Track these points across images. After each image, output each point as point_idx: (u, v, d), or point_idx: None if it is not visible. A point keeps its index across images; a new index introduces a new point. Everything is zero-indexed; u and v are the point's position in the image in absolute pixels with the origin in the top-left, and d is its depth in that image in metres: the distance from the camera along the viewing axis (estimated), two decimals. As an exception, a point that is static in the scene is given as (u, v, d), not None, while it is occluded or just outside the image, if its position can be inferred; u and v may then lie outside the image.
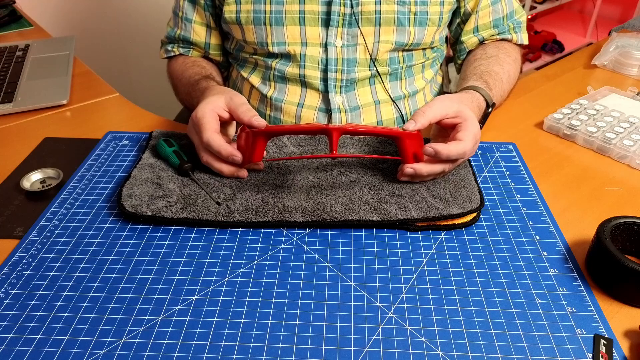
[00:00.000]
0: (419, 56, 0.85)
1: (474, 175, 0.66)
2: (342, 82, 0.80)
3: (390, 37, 0.79)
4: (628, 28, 1.07)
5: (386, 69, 0.82)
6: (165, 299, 0.51)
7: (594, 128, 0.75)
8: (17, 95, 0.90)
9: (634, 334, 0.48)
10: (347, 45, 0.79)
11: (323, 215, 0.59)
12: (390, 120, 0.85)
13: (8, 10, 1.31)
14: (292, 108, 0.82)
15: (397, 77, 0.84)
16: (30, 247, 0.58)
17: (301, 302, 0.51)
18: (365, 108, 0.83)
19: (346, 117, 0.82)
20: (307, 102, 0.82)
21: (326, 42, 0.79)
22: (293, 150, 0.71)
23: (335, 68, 0.79)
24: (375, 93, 0.83)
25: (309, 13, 0.77)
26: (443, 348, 0.46)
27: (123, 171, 0.70)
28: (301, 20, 0.78)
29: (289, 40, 0.79)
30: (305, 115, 0.82)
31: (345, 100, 0.81)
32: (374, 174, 0.66)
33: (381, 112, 0.84)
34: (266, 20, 0.78)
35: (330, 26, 0.78)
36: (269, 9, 0.77)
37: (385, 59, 0.81)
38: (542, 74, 0.97)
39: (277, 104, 0.83)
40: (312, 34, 0.79)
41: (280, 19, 0.77)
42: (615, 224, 0.54)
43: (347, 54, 0.79)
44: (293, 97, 0.82)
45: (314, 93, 0.82)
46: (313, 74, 0.80)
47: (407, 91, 0.85)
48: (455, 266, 0.55)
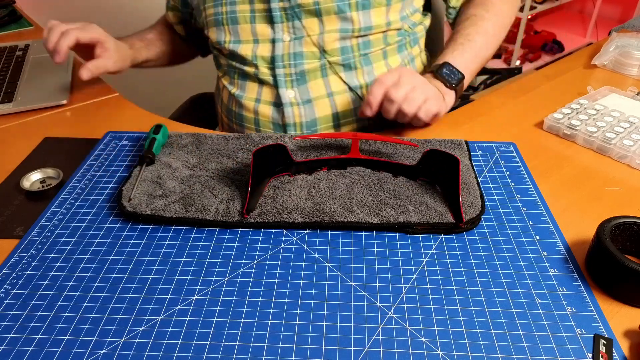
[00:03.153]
0: (378, 42, 0.84)
1: (476, 178, 0.65)
2: (292, 76, 0.82)
3: (334, 26, 0.80)
4: (628, 28, 1.07)
5: (338, 58, 0.82)
6: (165, 298, 0.51)
7: (594, 128, 0.75)
8: (17, 95, 0.90)
9: (633, 334, 0.48)
10: (294, 38, 0.81)
11: (322, 217, 0.59)
12: (347, 112, 0.85)
13: (8, 10, 1.31)
14: (251, 104, 0.86)
15: (352, 67, 0.84)
16: (30, 247, 0.58)
17: (301, 302, 0.51)
18: (318, 100, 0.84)
19: (298, 110, 0.83)
20: (263, 98, 0.86)
21: (274, 38, 0.81)
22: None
23: (282, 64, 0.82)
24: (328, 84, 0.84)
25: (258, 11, 0.81)
26: (443, 348, 0.46)
27: (123, 171, 0.70)
28: (252, 18, 0.82)
29: (243, 38, 0.83)
30: (262, 110, 0.86)
31: (297, 93, 0.83)
32: (374, 176, 0.66)
33: (336, 103, 0.84)
34: (223, 20, 0.83)
35: (275, 22, 0.81)
36: (225, 10, 0.83)
37: (335, 48, 0.81)
38: (542, 74, 0.97)
39: (239, 100, 0.87)
40: (262, 31, 0.82)
41: (235, 18, 0.82)
42: (615, 224, 0.54)
43: (294, 48, 0.81)
44: (251, 94, 0.86)
45: (269, 88, 0.85)
46: (264, 70, 0.84)
47: (365, 81, 0.85)
48: (455, 266, 0.55)
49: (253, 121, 0.88)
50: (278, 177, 0.66)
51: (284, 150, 0.63)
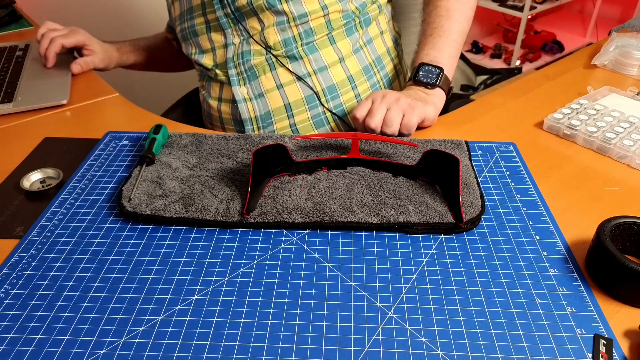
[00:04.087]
0: (321, 29, 0.85)
1: (476, 178, 0.65)
2: (243, 73, 0.87)
3: (270, 20, 0.83)
4: (628, 28, 1.07)
5: (281, 51, 0.85)
6: (165, 298, 0.51)
7: (594, 128, 0.75)
8: (17, 95, 0.90)
9: (633, 334, 0.48)
10: (242, 40, 0.85)
11: (322, 217, 0.59)
12: (298, 101, 0.87)
13: (8, 10, 1.31)
14: (215, 103, 0.93)
15: (297, 57, 0.86)
16: (30, 247, 0.58)
17: (301, 302, 0.51)
18: (269, 93, 0.87)
19: (252, 104, 0.88)
20: (223, 97, 0.91)
21: (226, 43, 0.87)
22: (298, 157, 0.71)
23: (233, 64, 0.87)
24: (277, 77, 0.87)
25: (211, 21, 0.87)
26: (443, 348, 0.46)
27: (123, 171, 0.70)
28: (207, 29, 0.88)
29: (204, 47, 0.90)
30: (223, 108, 0.92)
31: (249, 89, 0.87)
32: (374, 176, 0.66)
33: (286, 94, 0.87)
34: (187, 35, 0.91)
35: (225, 29, 0.86)
36: (188, 26, 0.91)
37: (277, 41, 0.84)
38: (542, 74, 0.97)
39: (207, 100, 0.95)
40: (216, 39, 0.88)
41: (195, 31, 0.90)
42: (615, 224, 0.54)
43: (242, 48, 0.85)
44: (215, 94, 0.93)
45: (227, 88, 0.90)
46: (220, 72, 0.90)
47: (312, 68, 0.86)
48: (455, 266, 0.55)
49: (218, 119, 0.94)
50: (278, 177, 0.66)
51: (284, 150, 0.63)
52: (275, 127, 0.88)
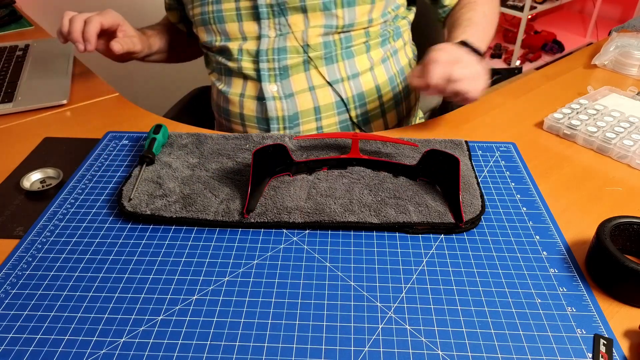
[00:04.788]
0: (360, 36, 0.85)
1: (476, 178, 0.65)
2: (275, 70, 0.83)
3: (319, 22, 0.81)
4: (628, 28, 1.07)
5: (320, 53, 0.83)
6: (165, 298, 0.51)
7: (594, 128, 0.75)
8: (17, 95, 0.90)
9: (634, 333, 0.48)
10: (279, 35, 0.82)
11: (322, 217, 0.59)
12: (328, 105, 0.86)
13: (8, 10, 1.31)
14: (236, 98, 0.88)
15: (334, 60, 0.85)
16: (30, 247, 0.58)
17: (301, 302, 0.51)
18: (300, 94, 0.85)
19: (281, 104, 0.84)
20: (247, 92, 0.87)
21: (260, 34, 0.83)
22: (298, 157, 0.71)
23: (266, 58, 0.83)
24: (310, 78, 0.85)
25: (243, 9, 0.82)
26: (443, 348, 0.46)
27: (123, 171, 0.70)
28: (238, 16, 0.83)
29: (231, 36, 0.84)
30: (247, 104, 0.87)
31: (280, 88, 0.84)
32: (374, 176, 0.66)
33: (317, 97, 0.85)
34: (210, 20, 0.85)
35: (261, 19, 0.82)
36: (211, 9, 0.84)
37: (318, 43, 0.83)
38: (542, 74, 0.97)
39: (225, 95, 0.89)
40: (249, 29, 0.83)
41: (222, 17, 0.83)
42: (615, 224, 0.54)
43: (278, 43, 0.82)
44: (236, 89, 0.88)
45: (253, 83, 0.86)
46: (248, 65, 0.85)
47: (347, 74, 0.85)
48: (455, 266, 0.55)
49: (238, 116, 0.89)
50: (278, 177, 0.66)
51: (284, 150, 0.63)
52: (301, 129, 0.86)
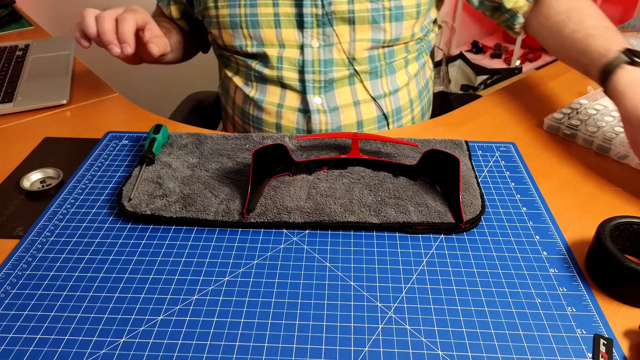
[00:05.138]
0: (401, 51, 0.84)
1: (476, 178, 0.65)
2: (320, 82, 0.80)
3: (366, 35, 0.79)
4: (628, 28, 1.07)
5: (365, 67, 0.81)
6: (165, 298, 0.51)
7: (594, 128, 0.75)
8: (17, 95, 0.90)
9: (634, 333, 0.48)
10: (323, 45, 0.79)
11: (322, 217, 0.59)
12: (370, 120, 0.84)
13: (8, 10, 1.31)
14: (272, 108, 0.83)
15: (378, 75, 0.83)
16: (30, 247, 0.58)
17: (301, 302, 0.51)
18: (344, 108, 0.83)
19: (325, 117, 0.82)
20: (287, 103, 0.82)
21: (302, 43, 0.79)
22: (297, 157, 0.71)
23: (312, 69, 0.79)
24: (355, 93, 0.83)
25: (283, 15, 0.78)
26: (443, 348, 0.46)
27: (123, 171, 0.70)
28: (276, 22, 0.78)
29: (267, 42, 0.80)
30: (286, 115, 0.82)
31: (324, 101, 0.81)
32: (374, 176, 0.66)
33: (361, 111, 0.84)
34: (242, 23, 0.79)
35: (305, 28, 0.78)
36: (244, 12, 0.78)
37: (363, 57, 0.81)
38: (542, 74, 0.97)
39: (259, 104, 0.84)
40: (288, 36, 0.79)
41: (256, 21, 0.78)
42: (615, 224, 0.54)
43: (324, 55, 0.79)
44: (273, 98, 0.83)
45: (293, 94, 0.82)
46: (290, 76, 0.80)
47: (389, 89, 0.84)
48: (455, 266, 0.55)
49: (274, 126, 0.84)
50: (278, 177, 0.66)
51: (284, 150, 0.63)
52: None
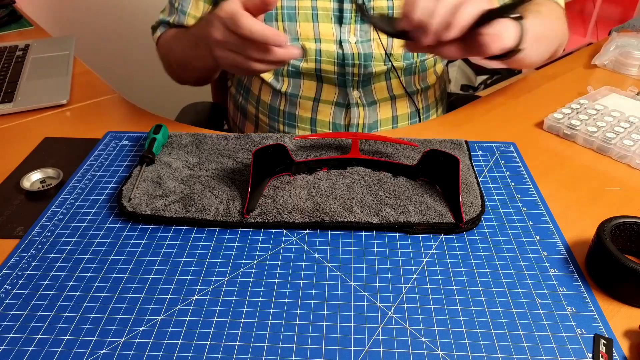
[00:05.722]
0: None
1: (476, 178, 0.65)
2: (360, 76, 0.80)
3: None
4: (628, 28, 1.07)
5: (402, 63, 0.82)
6: (165, 298, 0.51)
7: (594, 128, 0.75)
8: (17, 95, 0.90)
9: (634, 333, 0.48)
10: (360, 41, 0.79)
11: (322, 217, 0.59)
12: (404, 115, 0.85)
13: (8, 10, 1.31)
14: (308, 103, 0.82)
15: (412, 72, 0.84)
16: (30, 247, 0.58)
17: (301, 302, 0.51)
18: (381, 103, 0.83)
19: (364, 111, 0.82)
20: (324, 97, 0.81)
21: (340, 38, 0.78)
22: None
23: (352, 63, 0.79)
24: (391, 88, 0.83)
25: (321, 10, 0.77)
26: (443, 348, 0.46)
27: (123, 171, 0.70)
28: (314, 16, 0.77)
29: (302, 36, 0.78)
30: (322, 109, 0.81)
31: (362, 94, 0.81)
32: (374, 176, 0.66)
33: (396, 106, 0.84)
34: (278, 16, 0.77)
35: (344, 23, 0.77)
36: (281, 5, 0.76)
37: (400, 53, 0.81)
38: (542, 74, 0.97)
39: (292, 99, 0.82)
40: (325, 31, 0.78)
41: (293, 15, 0.77)
42: (615, 224, 0.54)
43: (363, 49, 0.79)
44: (309, 92, 0.82)
45: (331, 88, 0.81)
46: (329, 69, 0.80)
47: (421, 86, 0.85)
48: (455, 266, 0.55)
49: (309, 121, 0.84)
50: (278, 177, 0.66)
51: (284, 150, 0.63)
52: None
